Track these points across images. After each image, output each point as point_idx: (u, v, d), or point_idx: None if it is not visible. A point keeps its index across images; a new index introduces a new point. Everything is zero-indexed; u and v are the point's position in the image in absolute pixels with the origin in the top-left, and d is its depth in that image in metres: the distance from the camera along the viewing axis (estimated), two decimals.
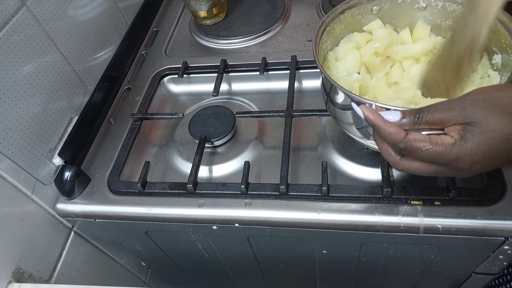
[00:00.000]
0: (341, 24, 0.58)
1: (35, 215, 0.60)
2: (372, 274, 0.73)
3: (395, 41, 0.59)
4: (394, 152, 0.41)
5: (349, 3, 0.58)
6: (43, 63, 0.60)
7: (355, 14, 0.59)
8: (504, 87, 0.38)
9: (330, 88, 0.51)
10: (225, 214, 0.58)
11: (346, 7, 0.58)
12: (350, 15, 0.59)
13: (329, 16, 0.57)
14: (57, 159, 0.63)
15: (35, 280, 0.60)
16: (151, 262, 0.85)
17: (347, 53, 0.57)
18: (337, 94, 0.49)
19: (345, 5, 0.58)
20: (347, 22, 0.59)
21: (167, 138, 0.71)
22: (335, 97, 0.50)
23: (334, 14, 0.57)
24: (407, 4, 0.58)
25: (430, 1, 0.57)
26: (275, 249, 0.68)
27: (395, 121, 0.39)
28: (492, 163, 0.38)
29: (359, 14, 0.59)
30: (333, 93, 0.51)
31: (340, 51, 0.58)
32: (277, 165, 0.59)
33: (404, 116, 0.39)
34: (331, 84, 0.47)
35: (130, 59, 0.85)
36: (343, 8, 0.58)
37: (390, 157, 0.41)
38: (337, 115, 0.53)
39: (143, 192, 0.61)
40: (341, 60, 0.57)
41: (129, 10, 0.85)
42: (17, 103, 0.56)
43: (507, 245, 0.53)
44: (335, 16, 0.57)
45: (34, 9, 0.59)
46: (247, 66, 0.76)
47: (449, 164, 0.38)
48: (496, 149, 0.36)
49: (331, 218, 0.55)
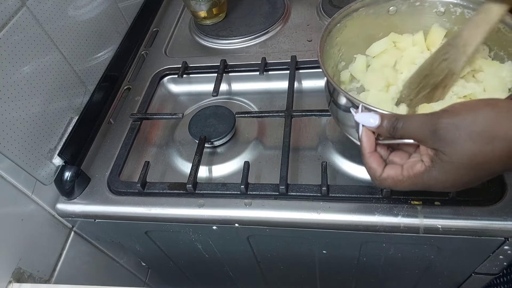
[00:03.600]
0: (354, 21, 0.57)
1: (35, 215, 0.60)
2: (372, 274, 0.73)
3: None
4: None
5: (364, 1, 0.56)
6: (43, 63, 0.60)
7: (370, 13, 0.58)
8: (479, 108, 0.36)
9: (333, 90, 0.51)
10: (225, 214, 0.58)
11: (361, 5, 0.56)
12: (365, 14, 0.57)
13: (341, 12, 0.55)
14: (57, 159, 0.63)
15: (35, 280, 0.60)
16: (151, 262, 0.85)
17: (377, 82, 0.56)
18: (340, 97, 0.49)
19: (360, 3, 0.56)
20: (361, 20, 0.57)
21: (167, 138, 0.71)
22: (339, 99, 0.50)
23: (347, 11, 0.56)
24: (425, 7, 0.57)
25: (449, 6, 0.55)
26: (275, 249, 0.68)
27: (375, 125, 0.40)
28: (468, 185, 0.38)
29: (374, 14, 0.58)
30: (336, 96, 0.51)
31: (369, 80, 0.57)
32: (277, 165, 0.59)
33: (382, 121, 0.40)
34: (334, 88, 0.47)
35: (130, 59, 0.85)
36: (357, 6, 0.56)
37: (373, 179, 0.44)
38: (340, 117, 0.53)
39: (143, 192, 0.61)
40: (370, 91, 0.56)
41: (129, 10, 0.85)
42: (17, 103, 0.56)
43: (507, 245, 0.53)
44: (348, 13, 0.56)
45: (34, 9, 0.59)
46: (247, 66, 0.76)
47: (423, 187, 0.40)
48: (467, 176, 0.37)
49: (331, 218, 0.55)
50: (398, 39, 0.60)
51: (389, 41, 0.59)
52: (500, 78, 0.51)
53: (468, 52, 0.47)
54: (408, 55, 0.58)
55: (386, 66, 0.58)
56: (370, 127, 0.41)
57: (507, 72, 0.51)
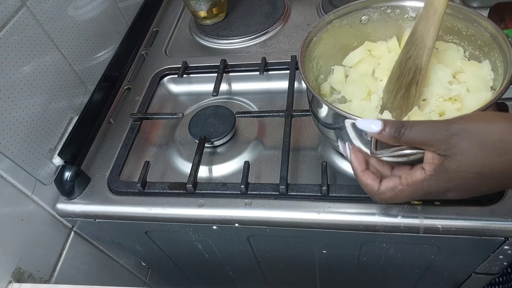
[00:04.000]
0: (329, 33, 0.58)
1: (35, 215, 0.60)
2: (372, 274, 0.73)
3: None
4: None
5: (337, 12, 0.58)
6: (43, 63, 0.60)
7: (344, 24, 0.59)
8: (495, 119, 0.36)
9: (312, 99, 0.52)
10: (225, 214, 0.58)
11: (334, 17, 0.58)
12: (338, 25, 0.59)
13: (316, 26, 0.57)
14: (57, 159, 0.63)
15: (35, 280, 0.60)
16: (151, 262, 0.85)
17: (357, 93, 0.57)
18: (322, 108, 0.50)
19: (333, 15, 0.58)
20: (335, 32, 0.59)
21: (167, 138, 0.71)
22: (319, 111, 0.51)
23: (321, 24, 0.57)
24: (396, 14, 0.59)
25: (420, 11, 0.56)
26: (275, 249, 0.68)
27: (377, 131, 0.39)
28: (471, 194, 0.38)
29: (347, 24, 0.59)
30: (316, 105, 0.51)
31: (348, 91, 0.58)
32: (277, 165, 0.59)
33: (385, 127, 0.39)
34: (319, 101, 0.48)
35: (130, 59, 0.85)
36: (331, 18, 0.58)
37: (372, 195, 0.43)
38: (322, 130, 0.54)
39: (143, 192, 0.61)
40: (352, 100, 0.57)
41: (129, 10, 0.85)
42: (17, 103, 0.56)
43: (507, 245, 0.53)
44: (323, 26, 0.57)
45: (34, 9, 0.59)
46: (247, 66, 0.76)
47: (424, 195, 0.39)
48: (471, 185, 0.37)
49: (331, 218, 0.55)
50: (372, 47, 0.61)
51: (364, 50, 0.61)
52: (482, 77, 0.52)
53: (428, 45, 0.48)
54: (385, 62, 0.59)
55: (364, 75, 0.59)
56: (372, 133, 0.40)
57: (487, 71, 0.52)
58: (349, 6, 0.58)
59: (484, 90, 0.51)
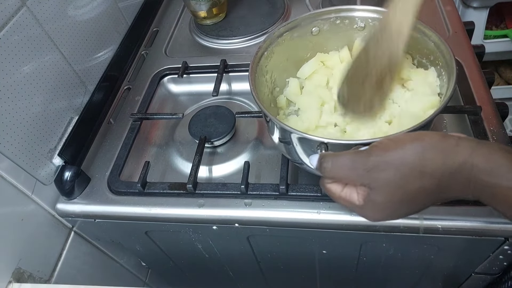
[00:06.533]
0: (281, 47, 0.59)
1: (35, 215, 0.60)
2: (372, 274, 0.73)
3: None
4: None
5: (287, 25, 0.58)
6: (43, 63, 0.60)
7: (295, 37, 0.59)
8: (408, 144, 0.37)
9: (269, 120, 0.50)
10: (225, 214, 0.58)
11: (284, 30, 0.58)
12: (290, 38, 0.59)
13: (266, 40, 0.57)
14: (57, 159, 0.63)
15: (35, 280, 0.60)
16: (151, 262, 0.85)
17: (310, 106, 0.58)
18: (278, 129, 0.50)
19: (283, 28, 0.58)
20: (287, 44, 0.59)
21: (167, 138, 0.71)
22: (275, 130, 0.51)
23: (272, 38, 0.57)
24: (345, 24, 0.59)
25: (368, 21, 0.58)
26: (275, 249, 0.68)
27: (314, 167, 0.42)
28: (401, 217, 0.39)
29: (298, 36, 0.60)
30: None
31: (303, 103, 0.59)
32: (277, 165, 0.59)
33: (317, 163, 0.41)
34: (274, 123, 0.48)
35: (130, 59, 0.85)
36: (281, 31, 0.58)
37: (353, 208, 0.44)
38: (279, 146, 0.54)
39: (143, 192, 0.61)
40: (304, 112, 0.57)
41: (129, 10, 0.85)
42: (17, 103, 0.56)
43: (507, 245, 0.53)
44: (273, 40, 0.58)
45: (34, 9, 0.59)
46: (247, 66, 0.75)
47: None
48: (398, 211, 0.38)
49: (331, 218, 0.55)
50: (325, 58, 0.62)
51: (317, 61, 0.61)
52: (429, 84, 0.53)
53: (405, 32, 0.47)
54: (338, 73, 0.59)
55: (319, 86, 0.60)
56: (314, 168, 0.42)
57: (432, 78, 0.54)
58: (298, 19, 0.59)
59: (431, 95, 0.52)
